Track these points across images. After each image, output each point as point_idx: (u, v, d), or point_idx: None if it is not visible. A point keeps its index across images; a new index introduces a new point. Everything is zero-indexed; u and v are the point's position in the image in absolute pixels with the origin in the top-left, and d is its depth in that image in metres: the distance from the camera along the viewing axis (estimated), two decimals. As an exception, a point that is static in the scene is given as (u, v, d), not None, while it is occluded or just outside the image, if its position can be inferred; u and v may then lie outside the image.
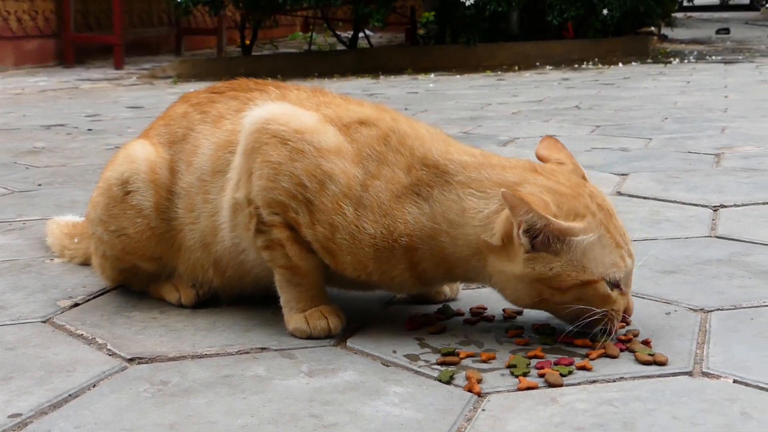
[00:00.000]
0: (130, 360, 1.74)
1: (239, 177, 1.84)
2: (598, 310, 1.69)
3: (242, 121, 1.88)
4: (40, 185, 3.61)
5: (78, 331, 1.90)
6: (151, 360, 1.74)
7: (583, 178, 1.81)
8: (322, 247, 1.79)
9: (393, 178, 1.76)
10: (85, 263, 2.34)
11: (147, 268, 2.06)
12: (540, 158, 1.86)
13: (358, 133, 1.81)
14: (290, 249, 1.81)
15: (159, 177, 1.99)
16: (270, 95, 1.97)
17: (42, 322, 1.97)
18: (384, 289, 1.89)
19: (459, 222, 1.73)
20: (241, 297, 2.03)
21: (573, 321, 1.72)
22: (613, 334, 1.72)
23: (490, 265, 1.72)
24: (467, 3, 9.61)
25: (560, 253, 1.66)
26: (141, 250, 2.03)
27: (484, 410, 1.48)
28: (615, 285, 1.70)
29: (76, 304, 2.09)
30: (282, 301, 1.87)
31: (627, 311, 1.74)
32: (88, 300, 2.12)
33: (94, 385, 1.63)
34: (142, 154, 2.02)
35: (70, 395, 1.58)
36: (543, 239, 1.66)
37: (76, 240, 2.40)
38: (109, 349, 1.80)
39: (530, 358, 1.68)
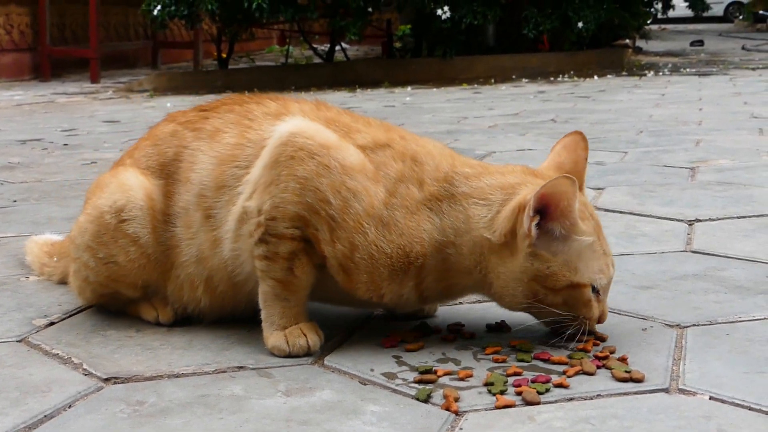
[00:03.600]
0: (106, 380, 1.73)
1: (254, 187, 1.83)
2: (571, 318, 1.78)
3: (271, 133, 1.86)
4: (15, 201, 3.58)
5: (54, 351, 1.89)
6: (127, 380, 1.73)
7: (580, 187, 1.86)
8: (339, 264, 1.79)
9: (408, 195, 1.80)
10: (63, 281, 2.33)
11: (129, 295, 2.05)
12: (552, 153, 1.95)
13: (374, 153, 1.84)
14: (298, 261, 1.80)
15: (155, 203, 1.97)
16: (268, 107, 1.96)
17: (17, 341, 1.96)
18: (384, 307, 1.92)
19: (464, 229, 1.79)
20: (224, 317, 2.00)
21: (551, 324, 1.81)
22: (584, 338, 1.79)
23: (492, 269, 1.78)
24: (443, 16, 9.64)
25: (558, 254, 1.75)
26: (129, 279, 2.01)
27: (461, 429, 1.48)
28: (596, 291, 1.79)
29: (52, 323, 2.07)
30: (263, 316, 1.86)
31: (602, 318, 1.83)
32: (64, 318, 2.10)
33: (70, 406, 1.62)
34: (136, 183, 1.99)
35: (45, 416, 1.57)
36: (547, 235, 1.74)
37: (55, 259, 2.38)
38: (85, 369, 1.79)
39: (508, 375, 1.68)
